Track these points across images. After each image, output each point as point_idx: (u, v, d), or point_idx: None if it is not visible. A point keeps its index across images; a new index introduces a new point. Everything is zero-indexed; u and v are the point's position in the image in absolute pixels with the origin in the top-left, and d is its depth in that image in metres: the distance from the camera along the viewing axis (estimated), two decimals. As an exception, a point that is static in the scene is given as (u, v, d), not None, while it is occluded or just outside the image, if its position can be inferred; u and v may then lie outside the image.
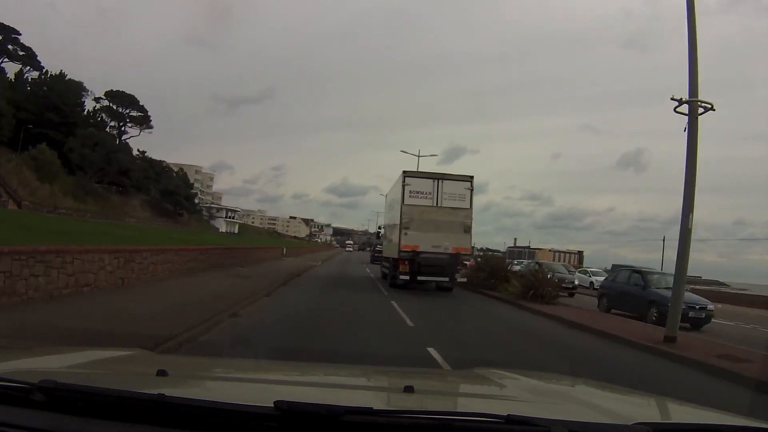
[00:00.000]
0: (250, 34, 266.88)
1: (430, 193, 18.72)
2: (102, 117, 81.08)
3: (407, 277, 18.88)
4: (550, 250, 74.92)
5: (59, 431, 1.31)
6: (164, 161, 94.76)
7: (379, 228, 31.69)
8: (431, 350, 7.94)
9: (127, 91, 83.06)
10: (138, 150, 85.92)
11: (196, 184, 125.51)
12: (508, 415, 1.32)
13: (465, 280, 21.76)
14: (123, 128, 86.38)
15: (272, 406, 1.28)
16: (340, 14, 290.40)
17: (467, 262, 20.36)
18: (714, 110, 10.42)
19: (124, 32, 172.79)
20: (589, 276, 34.77)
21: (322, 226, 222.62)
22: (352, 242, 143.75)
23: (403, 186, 18.84)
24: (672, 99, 10.57)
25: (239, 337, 7.99)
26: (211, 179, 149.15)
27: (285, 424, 1.29)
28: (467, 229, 18.90)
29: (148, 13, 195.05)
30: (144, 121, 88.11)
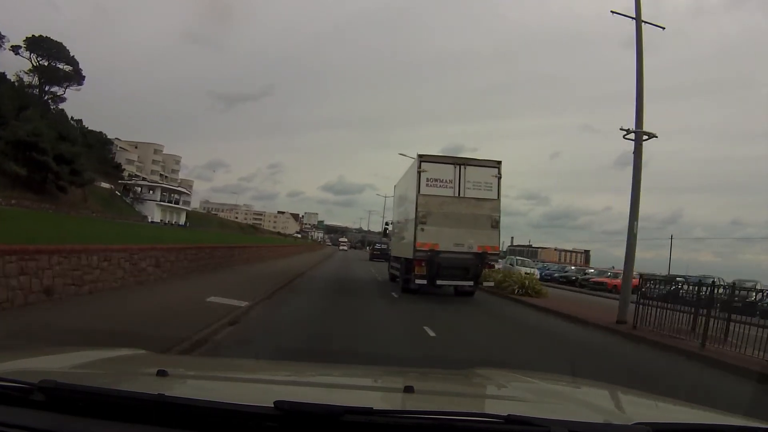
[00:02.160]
0: (248, 32, 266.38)
1: (450, 181, 15.99)
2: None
3: (424, 281, 16.18)
4: (555, 250, 74.23)
5: (59, 431, 1.32)
6: (105, 133, 76.75)
7: (386, 224, 27.86)
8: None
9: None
10: (72, 118, 70.17)
11: (154, 167, 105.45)
12: (508, 415, 1.33)
13: (492, 284, 18.48)
14: (44, 85, 67.81)
15: (272, 406, 1.28)
16: (338, 12, 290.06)
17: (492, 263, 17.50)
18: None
19: (122, 29, 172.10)
20: None
21: (313, 221, 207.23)
22: (346, 240, 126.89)
23: (419, 172, 16.01)
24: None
25: None
26: (177, 162, 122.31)
27: (285, 424, 1.29)
28: (495, 224, 16.21)
29: (146, 11, 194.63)
30: (74, 78, 68.58)
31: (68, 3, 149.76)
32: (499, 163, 16.49)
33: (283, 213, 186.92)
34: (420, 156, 16.37)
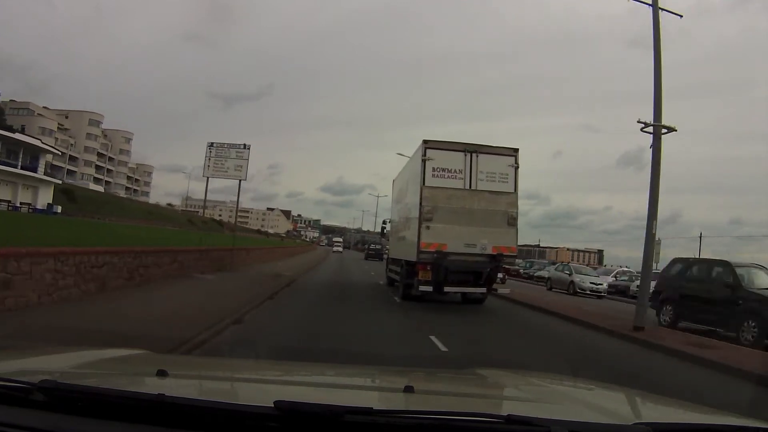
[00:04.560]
0: (246, 31, 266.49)
1: (460, 171, 13.85)
2: None
3: (429, 288, 13.89)
4: (567, 249, 72.97)
5: (59, 431, 1.32)
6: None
7: (384, 223, 24.84)
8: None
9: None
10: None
11: (90, 143, 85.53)
12: (508, 415, 1.33)
13: (508, 291, 16.01)
14: None
15: (272, 406, 1.28)
16: (336, 12, 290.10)
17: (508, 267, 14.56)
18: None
19: (118, 28, 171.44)
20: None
21: (310, 221, 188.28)
22: (341, 240, 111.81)
23: (424, 161, 13.80)
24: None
25: None
26: (128, 141, 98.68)
27: (285, 424, 1.29)
28: (512, 221, 13.97)
29: (143, 10, 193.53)
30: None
31: (65, 2, 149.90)
32: (516, 150, 14.29)
33: (272, 209, 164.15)
34: (425, 142, 14.07)
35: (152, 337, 6.84)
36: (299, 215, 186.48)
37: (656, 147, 12.36)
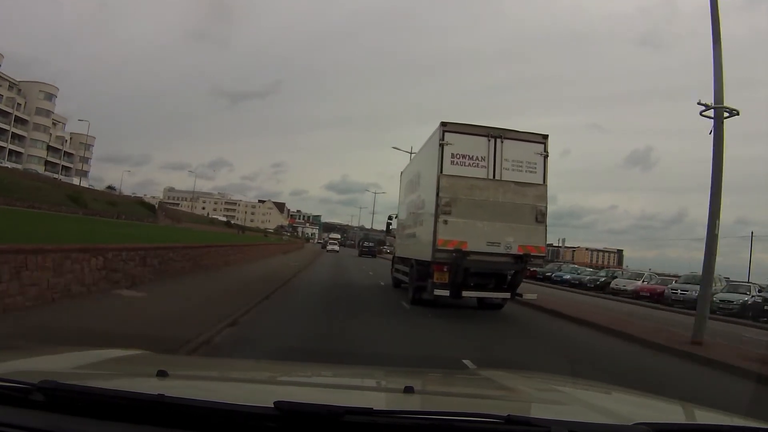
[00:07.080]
0: (252, 30, 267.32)
1: (483, 159, 12.25)
2: None
3: (445, 292, 12.18)
4: (587, 249, 70.68)
5: (59, 431, 1.32)
6: None
7: (390, 219, 22.41)
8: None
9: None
10: None
11: None
12: (508, 415, 1.33)
13: (534, 297, 14.10)
14: None
15: (272, 406, 1.28)
16: (341, 11, 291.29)
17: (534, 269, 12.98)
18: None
19: (125, 26, 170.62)
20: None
21: (309, 217, 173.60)
22: (338, 238, 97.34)
23: (441, 145, 12.17)
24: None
25: None
26: (49, 98, 74.76)
27: (285, 425, 1.29)
28: (541, 217, 12.34)
29: (149, 9, 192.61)
30: None
31: (71, 1, 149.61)
32: (546, 137, 12.69)
33: (263, 202, 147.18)
34: (443, 124, 12.38)
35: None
36: (298, 211, 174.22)
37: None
